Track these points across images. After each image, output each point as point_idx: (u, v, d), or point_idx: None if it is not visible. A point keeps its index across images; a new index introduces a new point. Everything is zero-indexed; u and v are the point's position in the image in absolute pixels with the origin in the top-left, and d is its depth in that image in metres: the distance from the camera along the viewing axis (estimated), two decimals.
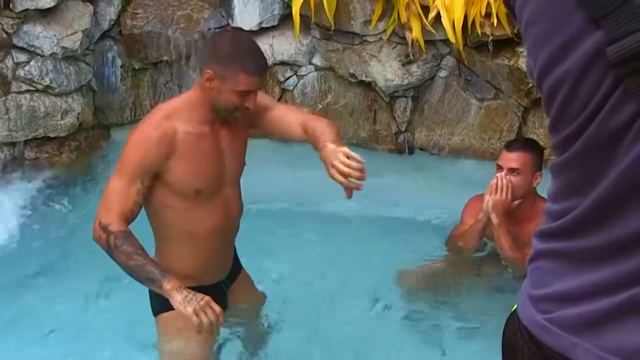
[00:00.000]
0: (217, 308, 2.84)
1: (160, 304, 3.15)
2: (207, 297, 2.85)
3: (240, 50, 3.02)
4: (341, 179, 2.78)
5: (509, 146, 4.14)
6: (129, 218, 2.94)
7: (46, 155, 5.55)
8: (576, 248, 1.32)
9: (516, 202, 3.99)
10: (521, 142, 4.23)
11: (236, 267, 3.46)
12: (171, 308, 2.97)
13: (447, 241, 4.49)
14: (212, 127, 3.08)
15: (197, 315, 2.80)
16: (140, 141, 2.98)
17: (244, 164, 3.28)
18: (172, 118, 3.00)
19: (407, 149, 5.56)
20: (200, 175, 3.04)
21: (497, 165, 4.09)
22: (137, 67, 5.70)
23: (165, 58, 5.53)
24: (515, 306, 1.48)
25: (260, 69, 3.04)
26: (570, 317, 1.32)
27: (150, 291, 3.19)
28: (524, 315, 1.43)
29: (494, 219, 4.02)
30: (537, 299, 1.40)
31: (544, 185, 3.49)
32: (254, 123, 3.27)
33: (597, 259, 1.29)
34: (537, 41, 1.30)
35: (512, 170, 4.01)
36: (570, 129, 1.27)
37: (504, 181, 3.97)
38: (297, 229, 4.95)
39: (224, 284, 3.35)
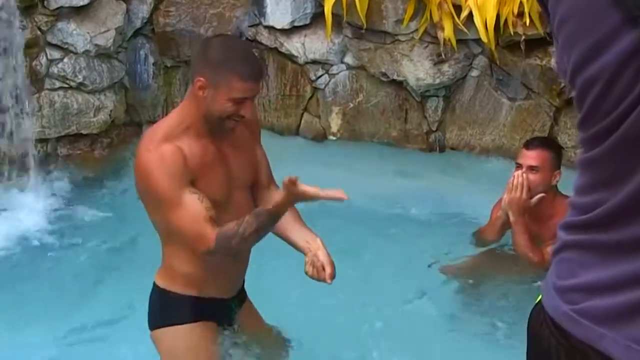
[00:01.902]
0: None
1: (162, 318, 3.08)
2: None
3: (234, 56, 2.82)
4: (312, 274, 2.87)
5: (528, 144, 4.14)
6: (212, 219, 2.80)
7: (79, 151, 5.64)
8: (605, 240, 1.33)
9: (534, 200, 3.98)
10: (540, 141, 4.26)
11: (244, 293, 3.31)
12: (174, 323, 3.00)
13: (473, 234, 4.53)
14: (211, 138, 2.90)
15: None
16: (155, 162, 2.80)
17: (257, 169, 3.12)
18: (171, 138, 2.81)
19: (438, 148, 5.62)
20: (210, 188, 2.88)
21: (517, 163, 4.10)
22: (169, 65, 5.78)
23: None
24: (540, 297, 1.50)
25: (256, 74, 2.85)
26: (598, 308, 1.33)
27: (149, 304, 3.11)
28: (549, 306, 1.44)
29: (511, 217, 4.04)
30: (563, 290, 1.41)
31: (566, 183, 3.48)
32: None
33: (626, 251, 1.30)
34: (570, 38, 1.32)
35: (531, 168, 4.01)
36: (602, 126, 1.28)
37: (520, 179, 3.99)
38: (320, 227, 4.93)
39: (233, 302, 3.17)
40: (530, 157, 4.03)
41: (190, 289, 3.00)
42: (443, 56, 5.23)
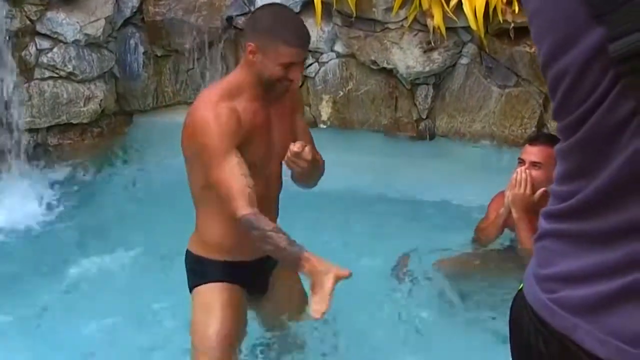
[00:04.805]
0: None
1: (195, 279, 3.28)
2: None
3: (280, 22, 3.03)
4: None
5: (532, 140, 4.16)
6: (249, 194, 2.92)
7: (69, 141, 5.67)
8: (579, 230, 1.35)
9: (537, 195, 3.98)
10: (544, 137, 4.23)
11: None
12: (207, 281, 3.19)
13: (474, 232, 4.52)
14: (262, 102, 3.09)
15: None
16: (212, 119, 2.96)
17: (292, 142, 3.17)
18: (227, 99, 3.01)
19: (428, 136, 5.63)
20: (253, 150, 3.06)
21: (519, 159, 4.10)
22: (159, 54, 5.80)
23: (187, 45, 5.62)
24: (522, 285, 1.51)
25: (301, 40, 3.05)
26: (573, 298, 1.35)
27: (186, 269, 3.32)
28: (529, 293, 1.45)
29: (514, 213, 4.05)
30: (542, 278, 1.43)
31: None
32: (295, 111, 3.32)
33: (599, 242, 1.32)
34: (540, 32, 1.35)
35: (534, 164, 4.02)
36: (573, 118, 1.31)
37: (524, 175, 4.00)
38: (314, 213, 4.93)
39: (267, 264, 3.30)
40: (534, 153, 4.04)
41: (220, 255, 3.20)
42: (433, 44, 5.25)
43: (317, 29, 5.44)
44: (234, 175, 2.92)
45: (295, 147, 2.97)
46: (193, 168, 3.12)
